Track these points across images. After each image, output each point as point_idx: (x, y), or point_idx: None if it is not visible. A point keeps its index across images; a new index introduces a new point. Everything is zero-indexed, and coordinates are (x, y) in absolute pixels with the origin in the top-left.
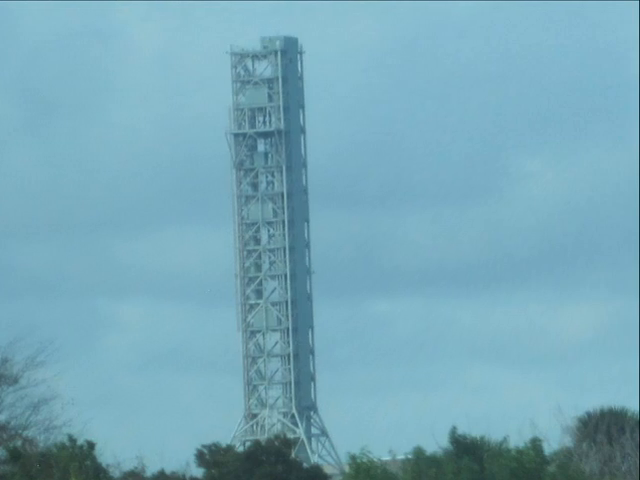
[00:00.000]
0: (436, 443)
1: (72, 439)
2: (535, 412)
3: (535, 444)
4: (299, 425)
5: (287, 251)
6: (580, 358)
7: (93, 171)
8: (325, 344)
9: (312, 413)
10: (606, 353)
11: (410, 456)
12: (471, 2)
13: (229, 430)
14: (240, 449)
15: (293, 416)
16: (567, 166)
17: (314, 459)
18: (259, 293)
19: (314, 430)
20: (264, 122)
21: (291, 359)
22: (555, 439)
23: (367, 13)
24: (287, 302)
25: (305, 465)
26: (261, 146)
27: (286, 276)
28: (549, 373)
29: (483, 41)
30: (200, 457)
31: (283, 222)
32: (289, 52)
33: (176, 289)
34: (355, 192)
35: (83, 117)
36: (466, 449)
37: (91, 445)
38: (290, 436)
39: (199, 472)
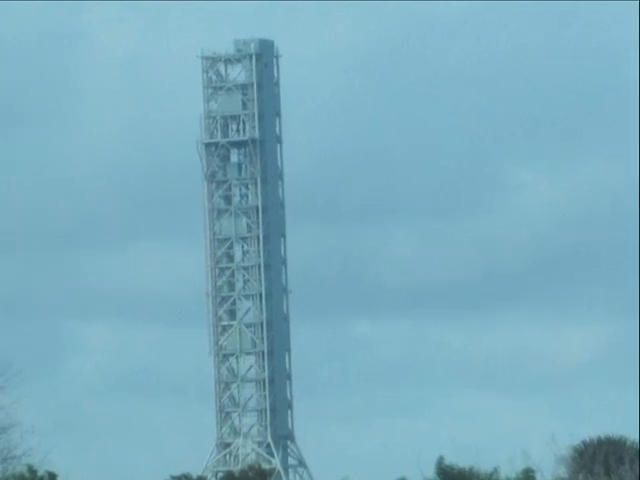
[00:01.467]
0: (422, 474)
1: (32, 470)
2: (528, 441)
3: (527, 475)
4: (275, 455)
5: (262, 269)
6: (576, 383)
7: (56, 182)
8: (303, 368)
9: (289, 442)
10: (604, 377)
11: None
12: (459, 2)
13: (200, 460)
14: None
15: (269, 445)
16: (563, 175)
17: None
18: (232, 314)
19: (291, 460)
20: (237, 131)
21: (266, 384)
22: (549, 470)
23: (348, 13)
24: (262, 323)
25: None
26: (234, 156)
27: (261, 295)
28: (543, 399)
29: (472, 43)
30: None
31: (258, 238)
32: (264, 56)
33: (144, 309)
34: (335, 205)
35: (46, 124)
36: None
37: (52, 476)
38: (265, 467)
39: None
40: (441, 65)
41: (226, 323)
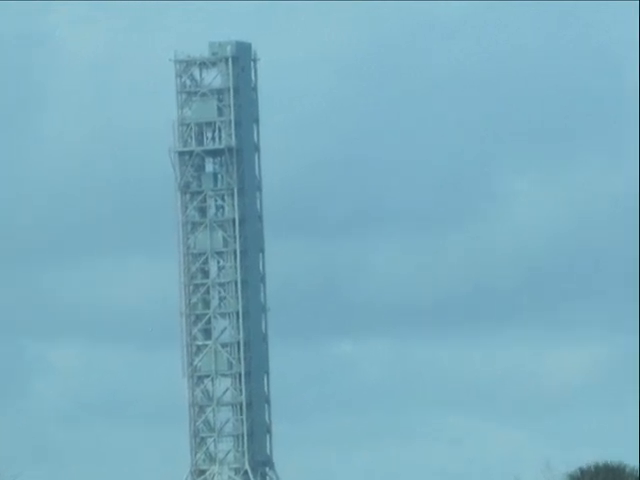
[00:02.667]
0: None
1: None
2: (520, 467)
3: None
4: None
5: (239, 285)
6: (571, 406)
7: (19, 193)
8: (282, 391)
9: (267, 469)
10: (601, 400)
11: None
12: (448, 2)
13: None
14: None
15: (246, 472)
16: (559, 185)
17: None
18: (207, 333)
19: None
20: (213, 139)
21: (244, 408)
22: None
23: (331, 14)
24: (239, 343)
25: None
26: (209, 166)
27: (238, 314)
28: (536, 423)
29: (464, 46)
30: None
31: (235, 252)
32: (241, 59)
33: (113, 328)
34: (317, 218)
35: (8, 132)
36: None
37: None
38: None
39: None
40: (429, 68)
41: (201, 343)
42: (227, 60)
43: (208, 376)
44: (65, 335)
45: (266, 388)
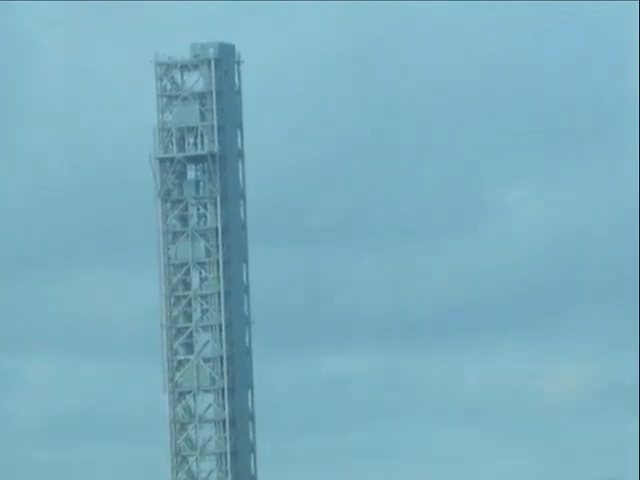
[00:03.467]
0: None
1: None
2: None
3: None
4: None
5: (222, 297)
6: (569, 421)
7: None
8: (267, 407)
9: None
10: (599, 415)
11: None
12: (435, 2)
13: None
14: None
15: None
16: (555, 195)
17: None
18: (189, 347)
19: None
20: (195, 144)
21: (227, 425)
22: None
23: (319, 14)
24: (222, 358)
25: None
26: (191, 173)
27: (221, 327)
28: (532, 439)
29: (454, 48)
30: None
31: (217, 263)
32: (225, 61)
33: (91, 342)
34: (302, 227)
35: None
36: None
37: None
38: None
39: None
40: (420, 72)
41: (182, 357)
42: (209, 62)
43: (190, 392)
44: (40, 349)
45: (250, 404)
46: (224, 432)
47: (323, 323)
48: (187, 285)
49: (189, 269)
